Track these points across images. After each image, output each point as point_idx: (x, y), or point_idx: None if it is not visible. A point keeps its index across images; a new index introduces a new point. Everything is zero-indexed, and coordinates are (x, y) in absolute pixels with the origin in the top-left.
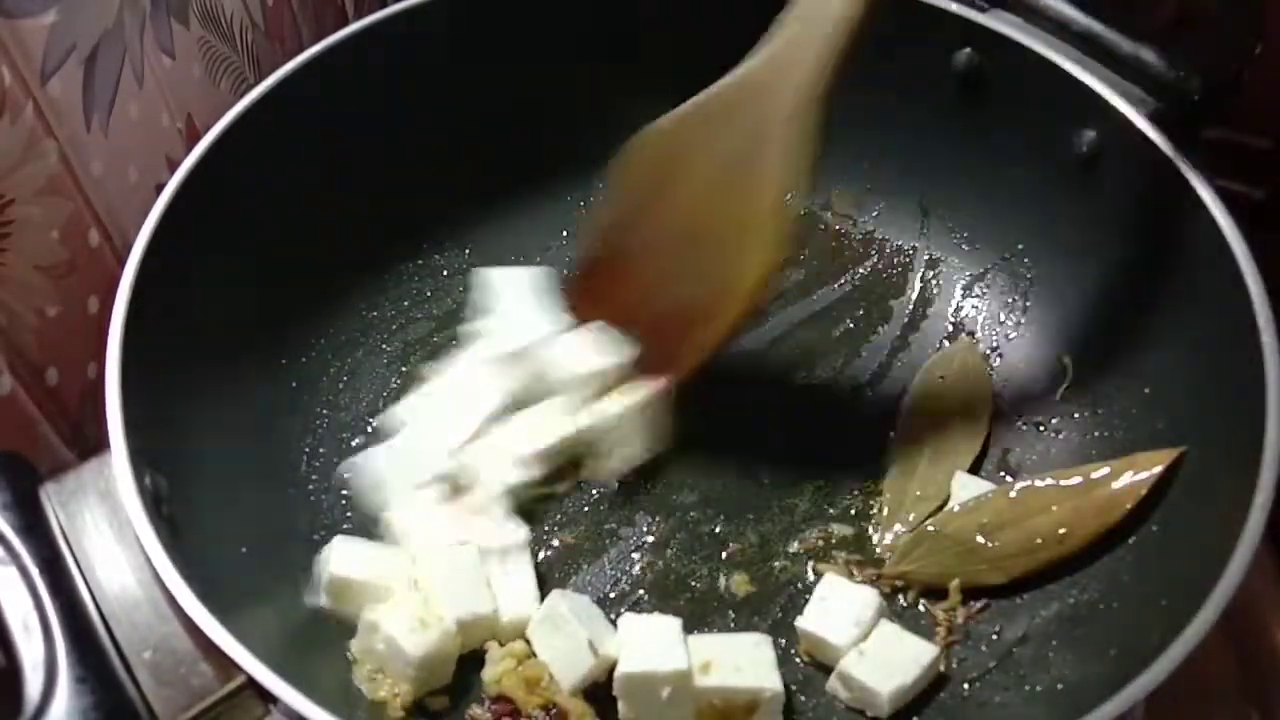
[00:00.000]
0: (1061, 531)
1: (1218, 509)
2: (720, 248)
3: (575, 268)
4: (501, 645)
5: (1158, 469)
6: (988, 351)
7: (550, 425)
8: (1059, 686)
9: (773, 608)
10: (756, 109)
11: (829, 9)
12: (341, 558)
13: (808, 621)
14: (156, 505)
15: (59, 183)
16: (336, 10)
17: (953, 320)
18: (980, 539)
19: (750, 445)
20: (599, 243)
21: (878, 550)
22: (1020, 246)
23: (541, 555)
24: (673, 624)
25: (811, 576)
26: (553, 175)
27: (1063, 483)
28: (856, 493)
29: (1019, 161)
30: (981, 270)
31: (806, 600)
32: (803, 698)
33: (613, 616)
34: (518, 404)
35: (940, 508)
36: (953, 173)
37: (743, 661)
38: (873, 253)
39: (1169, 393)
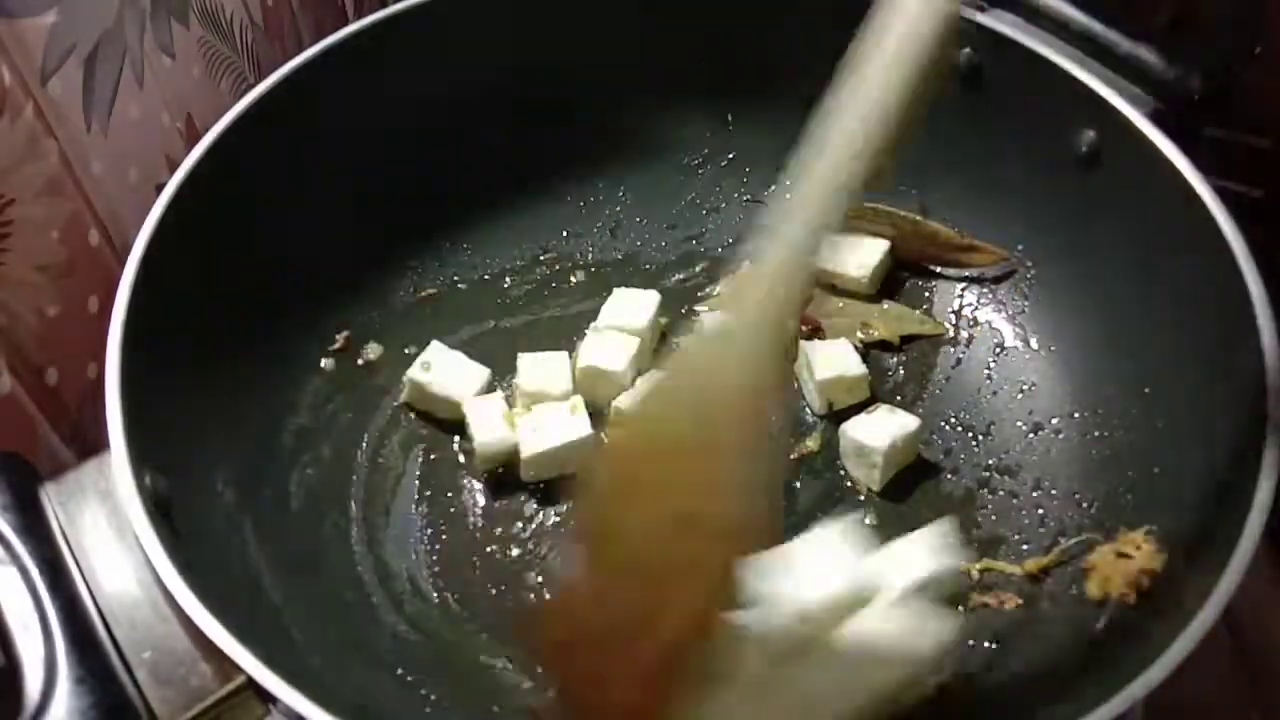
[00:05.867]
0: None
1: (1218, 509)
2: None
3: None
4: None
5: None
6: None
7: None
8: (1059, 686)
9: None
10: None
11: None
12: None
13: None
14: (156, 505)
15: (59, 183)
16: (336, 10)
17: (953, 321)
18: None
19: None
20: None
21: None
22: (1020, 247)
23: None
24: None
25: None
26: (553, 175)
27: None
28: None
29: (1019, 161)
30: (982, 270)
31: None
32: None
33: None
34: None
35: None
36: (953, 173)
37: None
38: None
39: (1169, 393)
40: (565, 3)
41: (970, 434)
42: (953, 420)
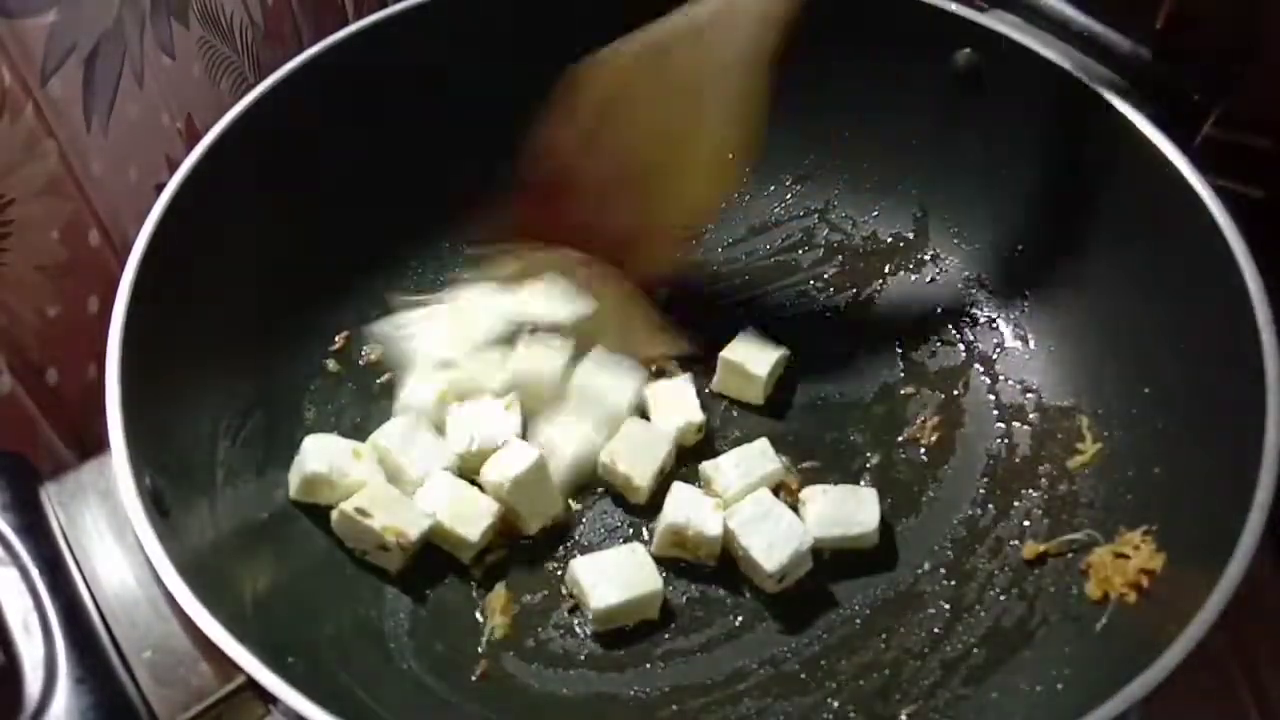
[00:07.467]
0: None
1: (1218, 509)
2: (657, 187)
3: (517, 185)
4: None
5: None
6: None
7: None
8: (1059, 687)
9: None
10: (701, 53)
11: None
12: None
13: None
14: (156, 505)
15: (59, 183)
16: (336, 10)
17: (952, 321)
18: None
19: None
20: (543, 162)
21: None
22: (1020, 247)
23: None
24: None
25: None
26: None
27: None
28: None
29: (1019, 161)
30: (981, 270)
31: None
32: None
33: None
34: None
35: None
36: (952, 172)
37: None
38: (872, 254)
39: (1169, 393)
40: (565, 2)
41: None
42: None
